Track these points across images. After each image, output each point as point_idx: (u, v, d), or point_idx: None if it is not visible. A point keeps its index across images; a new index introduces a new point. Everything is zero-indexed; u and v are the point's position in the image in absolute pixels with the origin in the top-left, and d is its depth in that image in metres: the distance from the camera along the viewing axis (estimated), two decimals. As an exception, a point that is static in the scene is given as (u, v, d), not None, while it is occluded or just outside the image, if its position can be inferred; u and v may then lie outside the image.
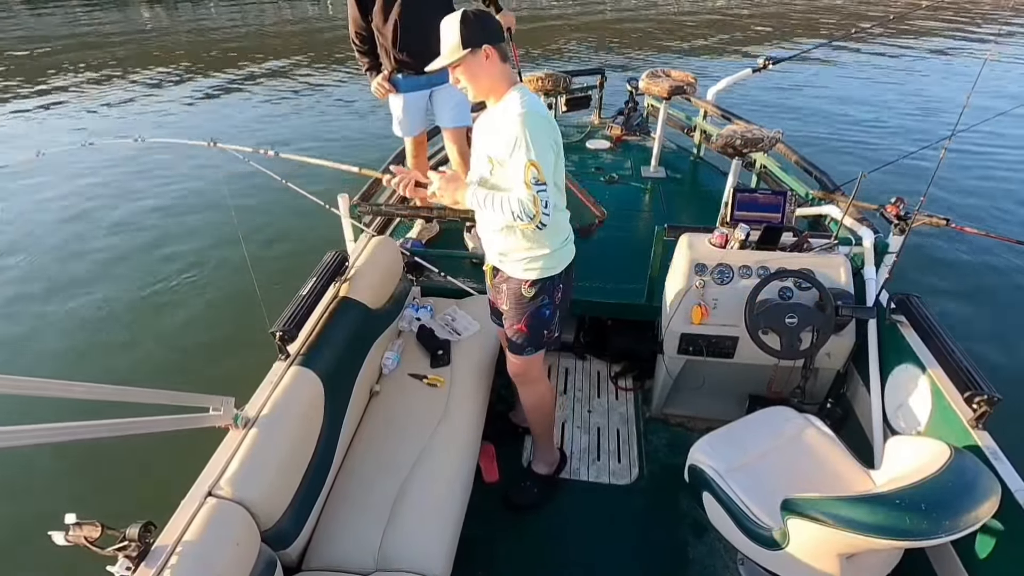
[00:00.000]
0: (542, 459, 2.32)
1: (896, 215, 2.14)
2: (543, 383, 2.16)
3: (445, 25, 1.63)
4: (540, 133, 1.59)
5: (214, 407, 1.50)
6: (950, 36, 12.29)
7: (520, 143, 1.57)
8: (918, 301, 2.03)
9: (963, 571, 1.52)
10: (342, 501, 1.81)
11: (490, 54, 1.63)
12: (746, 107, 4.01)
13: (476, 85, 1.68)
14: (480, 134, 1.81)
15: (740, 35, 12.18)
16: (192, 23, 13.40)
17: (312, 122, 7.52)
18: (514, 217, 1.61)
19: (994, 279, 4.28)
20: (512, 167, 1.61)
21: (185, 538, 1.29)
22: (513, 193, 1.62)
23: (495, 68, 1.66)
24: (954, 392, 1.72)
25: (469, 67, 1.64)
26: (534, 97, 1.68)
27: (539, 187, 1.57)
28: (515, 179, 1.61)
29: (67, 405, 1.60)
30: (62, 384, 1.12)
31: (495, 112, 1.72)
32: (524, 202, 1.58)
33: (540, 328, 1.94)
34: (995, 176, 5.92)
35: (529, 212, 1.58)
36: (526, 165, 1.56)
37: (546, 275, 1.85)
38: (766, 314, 2.03)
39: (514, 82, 1.71)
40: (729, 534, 1.72)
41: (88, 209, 5.32)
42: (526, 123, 1.57)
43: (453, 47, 1.62)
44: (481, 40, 1.61)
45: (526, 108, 1.60)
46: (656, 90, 3.79)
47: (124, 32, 12.19)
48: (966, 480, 1.39)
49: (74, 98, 8.47)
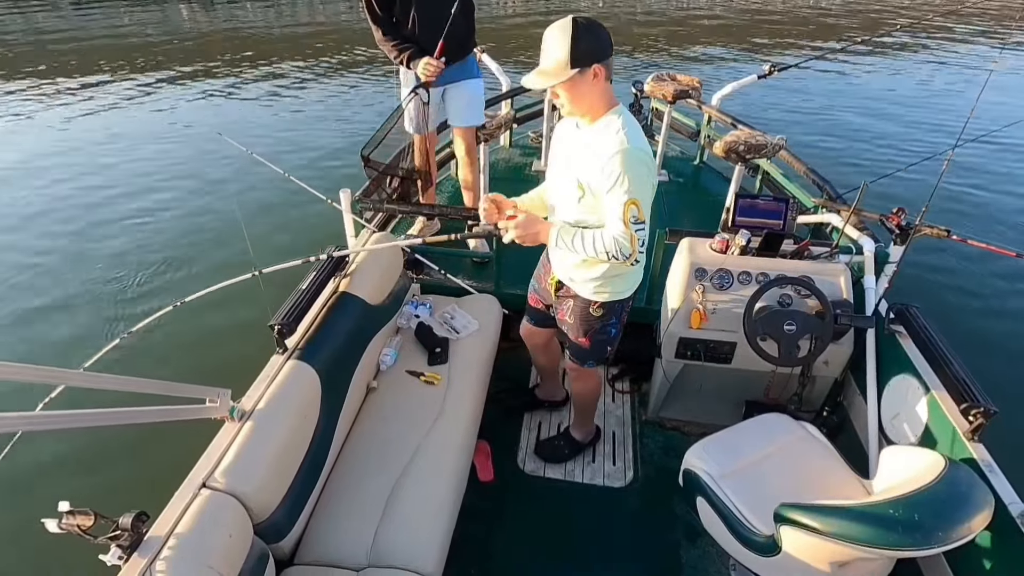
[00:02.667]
0: (580, 429, 2.45)
1: (897, 225, 2.14)
2: (596, 382, 2.25)
3: (553, 36, 1.47)
4: (642, 169, 1.53)
5: (210, 399, 1.50)
6: (958, 43, 12.29)
7: (622, 180, 1.50)
8: (917, 312, 2.03)
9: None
10: (336, 496, 1.81)
11: (598, 73, 1.49)
12: (751, 114, 4.01)
13: (577, 104, 1.55)
14: (566, 148, 1.70)
15: (747, 43, 12.17)
16: (227, 23, 13.49)
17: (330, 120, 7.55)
18: (608, 256, 1.57)
19: (995, 292, 4.28)
20: (610, 203, 1.55)
21: (178, 529, 1.29)
22: (608, 231, 1.57)
23: (600, 88, 1.53)
24: (951, 404, 1.72)
25: (576, 87, 1.50)
26: (635, 126, 1.57)
27: (637, 226, 1.54)
28: (612, 215, 1.55)
29: (62, 393, 1.60)
30: (59, 372, 1.12)
31: (589, 132, 1.60)
32: (621, 241, 1.54)
33: (604, 345, 1.97)
34: (998, 188, 5.92)
35: (626, 252, 1.56)
36: (627, 204, 1.51)
37: (616, 298, 1.84)
38: (765, 320, 2.03)
39: (614, 103, 1.59)
40: (722, 539, 1.72)
41: (91, 193, 5.34)
42: (629, 160, 1.50)
43: (560, 65, 1.46)
44: (592, 59, 1.47)
45: (631, 144, 1.51)
46: (661, 93, 3.78)
47: (163, 31, 12.29)
48: (960, 492, 1.39)
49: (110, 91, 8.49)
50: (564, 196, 1.69)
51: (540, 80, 1.51)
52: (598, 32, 1.48)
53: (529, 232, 1.67)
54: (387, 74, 9.08)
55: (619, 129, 1.53)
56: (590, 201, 1.61)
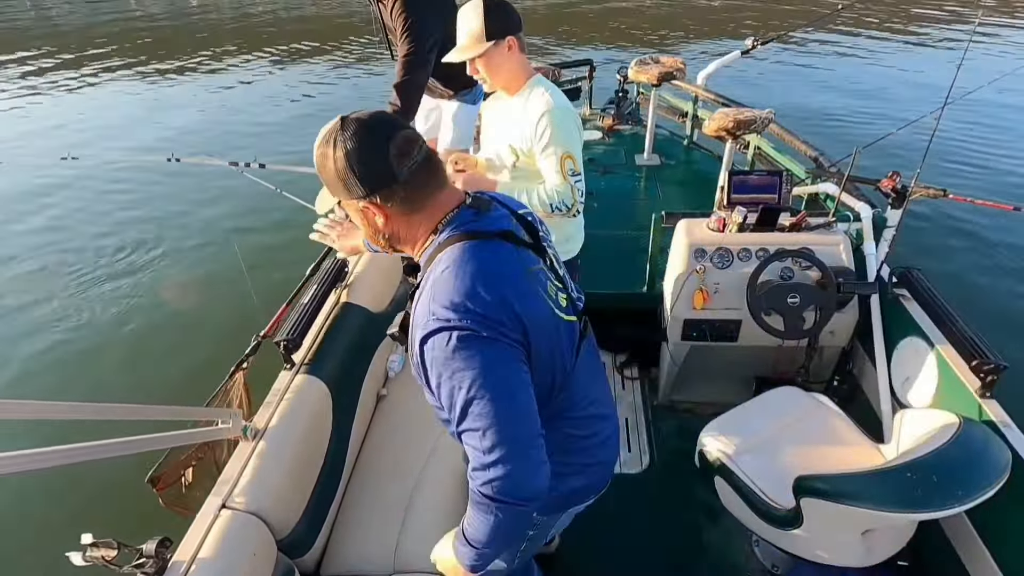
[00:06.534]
0: None
1: (893, 189, 2.13)
2: None
3: (467, 15, 1.58)
4: (571, 125, 1.65)
5: (222, 420, 1.50)
6: (936, 12, 12.26)
7: (555, 137, 1.61)
8: (919, 274, 2.03)
9: (978, 540, 1.53)
10: (356, 506, 1.82)
11: (512, 45, 1.61)
12: (736, 91, 3.99)
13: (496, 77, 1.66)
14: (496, 123, 1.81)
15: (729, 24, 12.13)
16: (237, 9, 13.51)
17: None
18: (552, 208, 1.67)
19: (993, 247, 4.28)
20: (545, 160, 1.66)
21: (202, 552, 1.30)
22: (548, 185, 1.68)
23: (516, 59, 1.64)
24: (960, 362, 1.72)
25: (492, 59, 1.61)
26: (556, 89, 1.68)
27: (575, 178, 1.66)
28: (549, 171, 1.67)
29: (68, 425, 1.60)
30: (71, 405, 1.12)
31: (514, 103, 1.71)
32: (562, 192, 1.66)
33: None
34: (988, 144, 5.91)
35: (568, 202, 1.67)
36: (562, 158, 1.63)
37: (569, 256, 1.93)
38: (768, 295, 2.02)
39: (531, 73, 1.70)
40: (743, 516, 1.72)
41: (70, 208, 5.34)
42: (557, 117, 1.61)
43: (475, 38, 1.58)
44: (505, 32, 1.58)
45: (554, 103, 1.62)
46: (645, 77, 3.77)
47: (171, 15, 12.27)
48: (976, 449, 1.39)
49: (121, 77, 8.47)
50: (500, 162, 1.80)
51: (459, 54, 1.62)
52: (507, 8, 1.61)
53: (474, 186, 1.75)
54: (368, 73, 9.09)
55: (542, 92, 1.65)
56: (524, 163, 1.72)
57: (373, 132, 0.92)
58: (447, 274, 0.93)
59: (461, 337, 0.88)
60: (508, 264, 0.97)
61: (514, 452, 0.90)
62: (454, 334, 0.88)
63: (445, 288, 0.91)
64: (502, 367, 0.91)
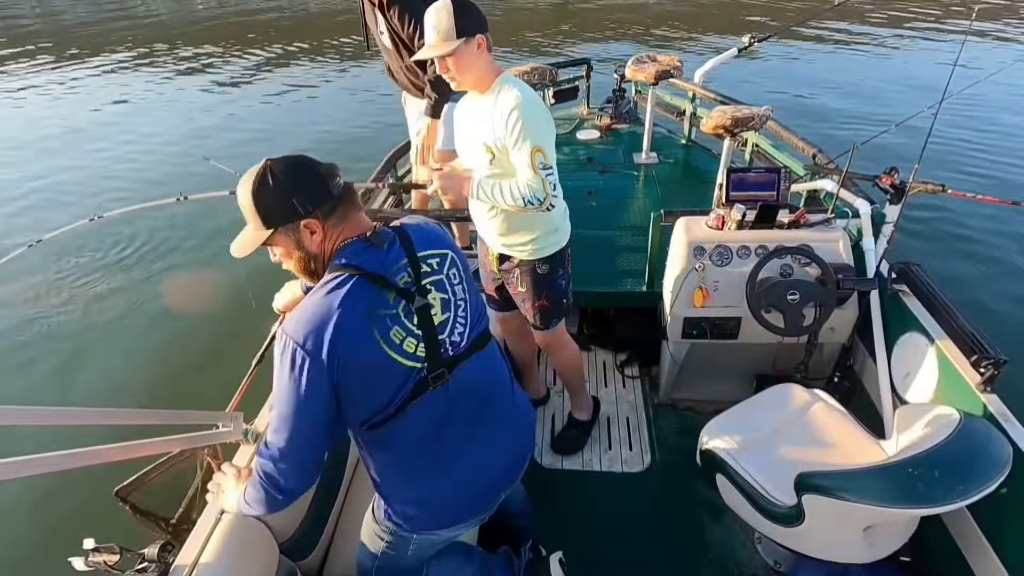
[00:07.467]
0: (581, 407, 2.49)
1: (891, 184, 2.13)
2: (571, 346, 2.27)
3: (436, 13, 1.60)
4: (541, 119, 1.65)
5: (223, 423, 1.50)
6: (934, 10, 12.27)
7: (525, 132, 1.61)
8: (919, 269, 2.03)
9: (980, 535, 1.53)
10: (357, 505, 1.81)
11: (481, 43, 1.63)
12: (734, 88, 3.99)
13: (465, 75, 1.67)
14: (466, 123, 1.82)
15: (725, 22, 12.13)
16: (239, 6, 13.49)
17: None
18: (525, 203, 1.66)
19: (992, 242, 4.28)
20: (517, 155, 1.66)
21: (204, 556, 1.30)
22: (520, 179, 1.67)
23: (485, 58, 1.67)
24: (960, 357, 1.72)
25: (462, 57, 1.62)
26: (524, 84, 1.70)
27: (546, 171, 1.65)
28: (521, 166, 1.66)
29: (64, 430, 1.59)
30: (75, 411, 1.12)
31: (483, 102, 1.72)
32: (533, 187, 1.65)
33: (560, 299, 2.04)
34: (986, 139, 5.91)
35: (540, 196, 1.65)
36: (532, 152, 1.62)
37: (555, 250, 1.92)
38: (768, 292, 2.02)
39: (500, 71, 1.72)
40: (745, 514, 1.72)
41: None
42: (527, 111, 1.61)
43: (446, 36, 1.59)
44: (475, 30, 1.61)
45: (524, 97, 1.63)
46: (642, 76, 3.77)
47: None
48: (977, 444, 1.39)
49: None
50: (476, 163, 1.80)
51: (430, 52, 1.63)
52: (475, 8, 1.65)
53: (452, 183, 1.78)
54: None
55: (511, 88, 1.66)
56: (500, 160, 1.72)
57: (300, 161, 1.12)
58: (308, 297, 1.13)
59: (287, 347, 1.08)
60: (347, 305, 1.09)
61: (287, 448, 1.12)
62: (286, 343, 1.08)
63: (299, 307, 1.13)
64: (304, 380, 1.08)
